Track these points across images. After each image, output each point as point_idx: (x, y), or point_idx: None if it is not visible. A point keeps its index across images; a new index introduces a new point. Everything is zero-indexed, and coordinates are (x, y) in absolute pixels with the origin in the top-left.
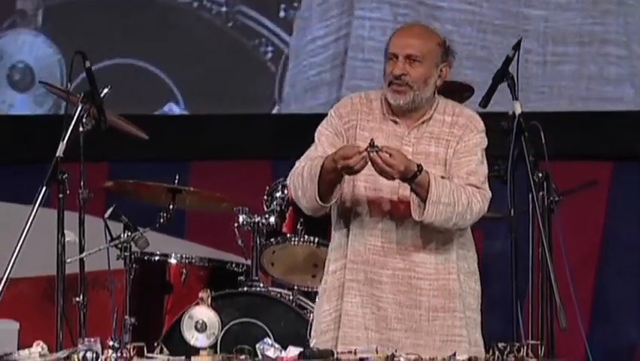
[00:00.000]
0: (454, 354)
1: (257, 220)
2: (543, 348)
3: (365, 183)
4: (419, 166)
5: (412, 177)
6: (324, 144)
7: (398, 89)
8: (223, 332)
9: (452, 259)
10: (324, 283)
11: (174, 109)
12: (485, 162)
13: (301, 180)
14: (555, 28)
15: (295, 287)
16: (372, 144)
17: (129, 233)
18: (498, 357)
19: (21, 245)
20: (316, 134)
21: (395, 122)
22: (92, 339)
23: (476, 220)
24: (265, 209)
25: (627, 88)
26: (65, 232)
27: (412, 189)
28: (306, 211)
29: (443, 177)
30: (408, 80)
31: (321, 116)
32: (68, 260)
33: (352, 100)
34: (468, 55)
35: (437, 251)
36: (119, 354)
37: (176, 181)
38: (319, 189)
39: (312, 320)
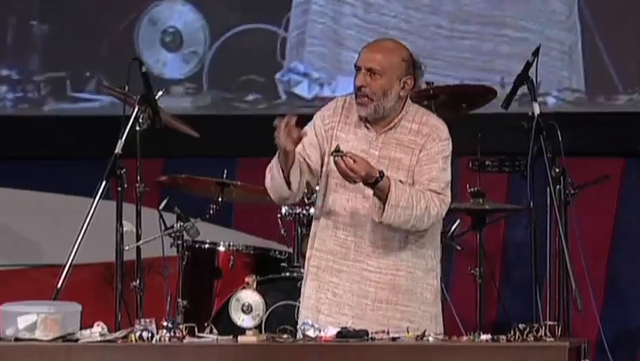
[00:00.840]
0: (479, 333)
1: (298, 211)
2: (560, 328)
3: (336, 180)
4: (381, 172)
5: (374, 182)
6: (304, 142)
7: (360, 100)
8: (267, 313)
9: (404, 258)
10: (305, 269)
11: (299, 66)
12: (448, 169)
13: (270, 170)
14: (463, 10)
15: None
16: (337, 150)
17: (182, 223)
18: (518, 337)
19: (83, 234)
20: (302, 131)
21: (367, 128)
22: (147, 320)
23: (435, 222)
24: (305, 201)
25: (516, 63)
26: (124, 222)
27: (374, 193)
28: (275, 200)
29: (402, 183)
30: (367, 92)
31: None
32: (126, 248)
33: (336, 103)
34: (394, 27)
35: (391, 248)
36: (172, 334)
37: (224, 176)
38: (284, 175)
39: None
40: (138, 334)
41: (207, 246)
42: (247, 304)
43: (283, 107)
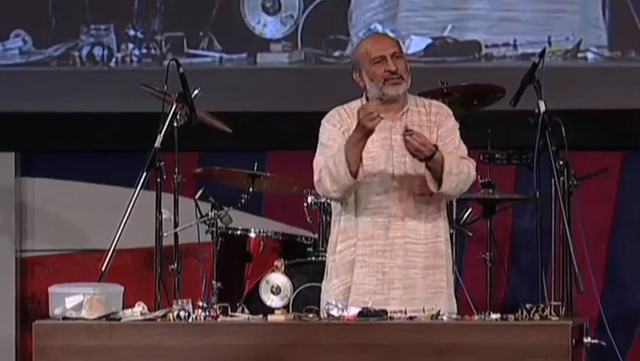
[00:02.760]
0: (488, 313)
1: (322, 201)
2: (563, 308)
3: (366, 168)
4: (436, 146)
5: (431, 155)
6: (337, 141)
7: (396, 81)
8: (294, 294)
9: (440, 225)
10: (332, 262)
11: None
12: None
13: (328, 169)
14: None
15: None
16: (407, 130)
17: (216, 211)
18: (525, 316)
19: (125, 222)
20: (323, 141)
21: (382, 118)
22: (184, 300)
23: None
24: None
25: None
26: (162, 210)
27: (427, 166)
28: (336, 198)
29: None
30: (401, 72)
31: None
32: (165, 234)
33: (338, 112)
34: None
35: (427, 219)
36: (207, 313)
37: (255, 168)
38: (350, 165)
39: (321, 293)
40: (175, 313)
41: (239, 232)
42: (276, 285)
43: None
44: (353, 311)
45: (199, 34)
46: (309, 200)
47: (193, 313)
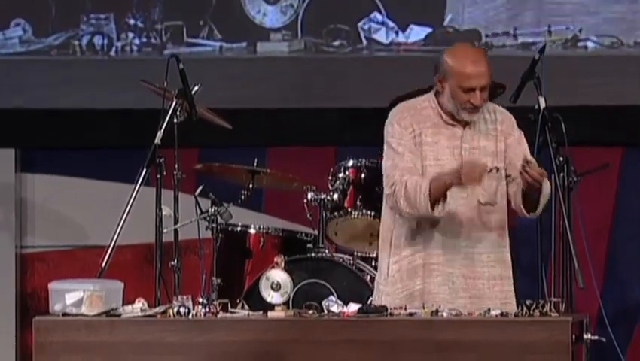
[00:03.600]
0: (488, 310)
1: (322, 197)
2: (563, 304)
3: (435, 176)
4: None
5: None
6: (408, 154)
7: (474, 111)
8: (294, 291)
9: (505, 235)
10: (395, 264)
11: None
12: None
13: (407, 192)
14: None
15: (355, 253)
16: (526, 160)
17: (216, 208)
18: (525, 312)
19: (125, 218)
20: (393, 145)
21: (453, 125)
22: (184, 297)
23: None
24: (330, 188)
25: None
26: (162, 206)
27: (524, 192)
28: (409, 216)
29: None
30: (482, 103)
31: (376, 111)
32: (165, 230)
33: (408, 113)
34: None
35: (493, 229)
36: (207, 309)
37: (255, 164)
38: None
39: (376, 293)
40: (175, 309)
41: (239, 228)
42: (276, 282)
43: (364, 51)
44: (353, 308)
45: (199, 24)
46: (309, 196)
47: (193, 309)
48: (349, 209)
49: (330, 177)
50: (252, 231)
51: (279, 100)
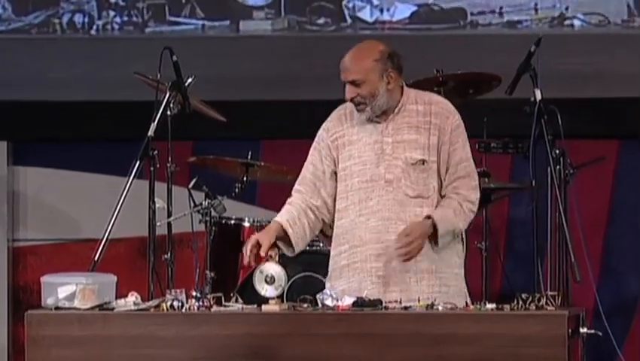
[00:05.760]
0: (484, 302)
1: None
2: (559, 298)
3: (358, 178)
4: (430, 219)
5: (435, 232)
6: (315, 160)
7: (357, 108)
8: (288, 284)
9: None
10: (332, 265)
11: None
12: (467, 140)
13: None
14: None
15: None
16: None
17: (210, 201)
18: (521, 306)
19: (118, 211)
20: (311, 149)
21: (377, 122)
22: (178, 290)
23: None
24: None
25: None
26: (156, 199)
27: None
28: None
29: (424, 163)
30: (359, 100)
31: None
32: (158, 223)
33: (337, 113)
34: None
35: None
36: (201, 303)
37: (249, 157)
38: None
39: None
40: (169, 303)
41: (233, 222)
42: (270, 275)
43: (349, 29)
44: (348, 301)
45: (181, 2)
46: None
47: (187, 303)
48: None
49: None
50: (246, 224)
51: (262, 79)
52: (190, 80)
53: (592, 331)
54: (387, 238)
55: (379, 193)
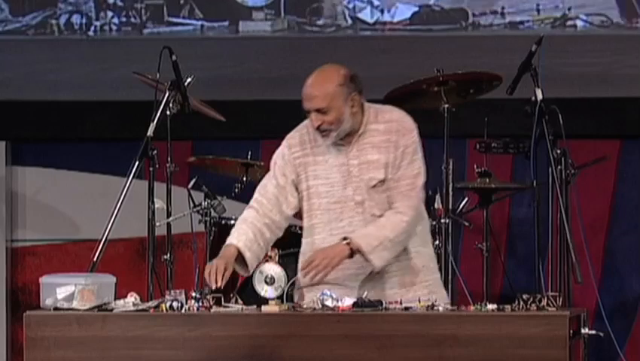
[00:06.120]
0: (485, 303)
1: None
2: (561, 299)
3: (327, 199)
4: (344, 238)
5: (352, 250)
6: (276, 174)
7: (323, 135)
8: (288, 285)
9: (407, 244)
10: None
11: None
12: (418, 158)
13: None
14: None
15: None
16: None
17: (209, 201)
18: (522, 306)
19: (118, 211)
20: (272, 162)
21: (341, 144)
22: (177, 291)
23: (417, 220)
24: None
25: None
26: (155, 200)
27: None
28: None
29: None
30: (325, 127)
31: (372, 103)
32: (157, 224)
33: (300, 132)
34: None
35: None
36: (200, 304)
37: (248, 157)
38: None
39: None
40: (168, 304)
41: (232, 222)
42: (270, 276)
43: (349, 30)
44: (348, 302)
45: (179, 2)
46: None
47: (186, 303)
48: None
49: None
50: None
51: (261, 80)
52: (189, 79)
53: (594, 332)
54: (357, 257)
55: (350, 215)
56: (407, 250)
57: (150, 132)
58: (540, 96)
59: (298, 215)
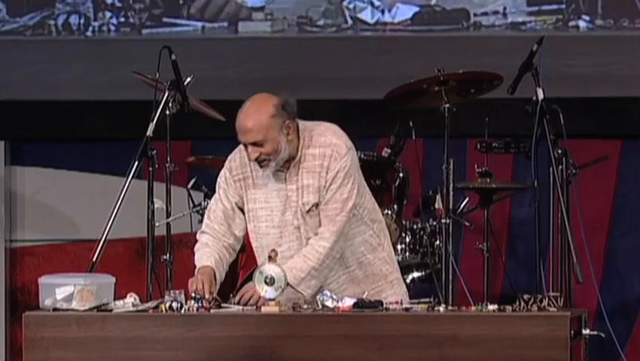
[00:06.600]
0: (486, 303)
1: None
2: (562, 299)
3: (266, 223)
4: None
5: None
6: (222, 198)
7: (261, 165)
8: (288, 285)
9: (347, 255)
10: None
11: None
12: (348, 183)
13: (197, 247)
14: None
15: None
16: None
17: (209, 201)
18: (523, 307)
19: (117, 211)
20: (217, 185)
21: (280, 170)
22: (177, 291)
23: (338, 246)
24: None
25: None
26: (154, 200)
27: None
28: None
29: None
30: (264, 157)
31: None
32: (157, 224)
33: (240, 153)
34: None
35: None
36: (199, 304)
37: None
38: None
39: None
40: (168, 304)
41: None
42: (270, 276)
43: (349, 30)
44: (348, 302)
45: (178, 3)
46: None
47: (186, 304)
48: None
49: None
50: None
51: (262, 80)
52: (189, 79)
53: (595, 332)
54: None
55: (290, 239)
56: (346, 263)
57: (149, 132)
58: (541, 96)
59: None
